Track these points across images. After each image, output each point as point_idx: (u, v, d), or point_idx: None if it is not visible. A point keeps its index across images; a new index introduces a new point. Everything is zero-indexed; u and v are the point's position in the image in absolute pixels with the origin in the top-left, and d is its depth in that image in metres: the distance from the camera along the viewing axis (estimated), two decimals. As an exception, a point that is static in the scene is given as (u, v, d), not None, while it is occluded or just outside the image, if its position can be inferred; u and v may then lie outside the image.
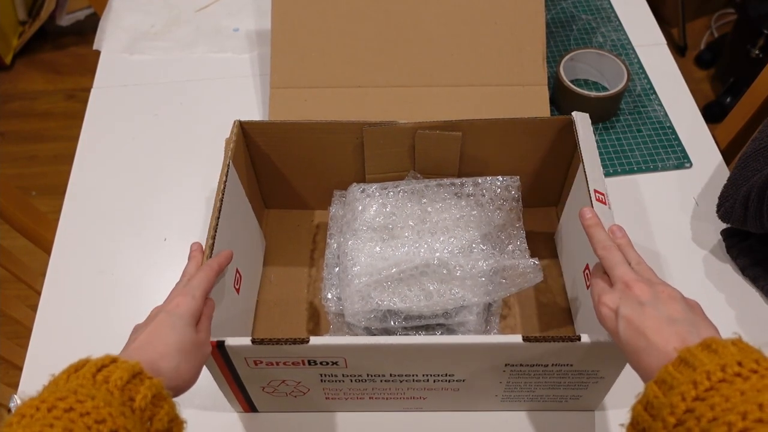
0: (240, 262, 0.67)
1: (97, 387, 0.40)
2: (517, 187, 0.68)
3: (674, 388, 0.39)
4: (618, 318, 0.47)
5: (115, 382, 0.41)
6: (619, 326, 0.46)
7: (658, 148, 0.87)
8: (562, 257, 0.75)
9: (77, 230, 0.82)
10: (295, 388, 0.59)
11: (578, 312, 0.68)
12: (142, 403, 0.41)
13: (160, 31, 1.05)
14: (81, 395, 0.39)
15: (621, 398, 0.65)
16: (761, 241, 0.73)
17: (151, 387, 0.42)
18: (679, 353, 0.41)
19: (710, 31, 2.03)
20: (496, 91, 0.82)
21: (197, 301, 0.51)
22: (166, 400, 0.43)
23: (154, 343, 0.47)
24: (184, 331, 0.49)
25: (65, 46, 2.13)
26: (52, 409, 0.38)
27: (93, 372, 0.41)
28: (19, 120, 1.95)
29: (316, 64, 0.83)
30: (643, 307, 0.46)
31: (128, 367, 0.42)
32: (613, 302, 0.48)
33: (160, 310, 0.51)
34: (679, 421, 0.37)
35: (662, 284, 0.48)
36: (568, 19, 1.04)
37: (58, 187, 0.90)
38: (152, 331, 0.48)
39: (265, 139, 0.71)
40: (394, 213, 0.68)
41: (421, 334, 0.64)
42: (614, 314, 0.47)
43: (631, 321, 0.45)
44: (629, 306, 0.46)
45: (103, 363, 0.42)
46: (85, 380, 0.41)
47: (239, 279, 0.66)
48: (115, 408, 0.39)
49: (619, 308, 0.47)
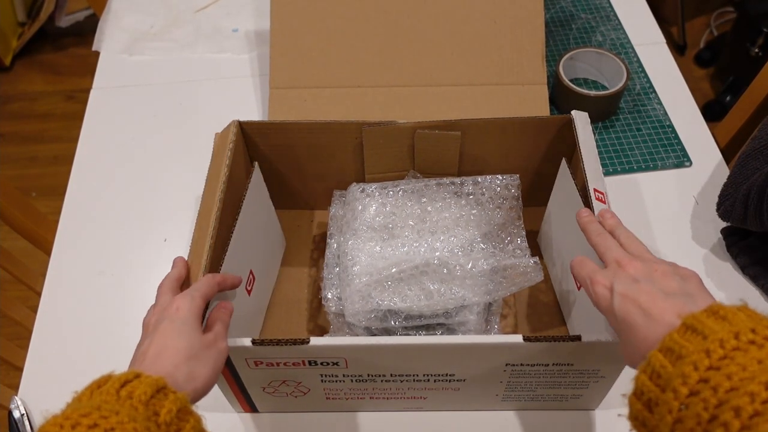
0: (255, 264, 0.67)
1: (121, 402, 0.40)
2: (516, 185, 0.68)
3: (684, 357, 0.37)
4: (613, 295, 0.46)
5: (139, 397, 0.40)
6: (614, 303, 0.45)
7: (657, 146, 0.87)
8: (547, 258, 0.75)
9: (77, 231, 0.82)
10: (295, 388, 0.59)
11: (570, 312, 0.68)
12: (167, 417, 0.40)
13: (159, 31, 1.05)
14: (105, 411, 0.38)
15: (622, 398, 0.65)
16: (761, 239, 0.73)
17: (175, 401, 0.42)
18: (684, 320, 0.39)
19: (710, 30, 2.03)
20: (495, 90, 0.82)
21: (197, 302, 0.51)
22: (192, 414, 0.43)
23: (164, 354, 0.46)
24: (191, 335, 0.48)
25: (65, 47, 2.13)
26: (76, 426, 0.37)
27: (117, 387, 0.41)
28: (19, 121, 1.95)
29: (315, 64, 0.83)
30: (637, 283, 0.45)
31: (152, 381, 0.41)
32: (607, 280, 0.47)
33: (159, 318, 0.50)
34: (693, 391, 0.36)
35: (656, 261, 0.48)
36: (567, 18, 1.04)
37: (58, 188, 0.90)
38: (159, 342, 0.47)
39: (265, 139, 0.71)
40: (394, 212, 0.68)
41: (422, 333, 0.64)
42: (609, 292, 0.47)
43: (626, 295, 0.45)
44: (623, 283, 0.46)
45: (126, 378, 0.42)
46: (108, 396, 0.40)
47: (252, 280, 0.66)
48: (140, 423, 0.38)
49: (613, 285, 0.46)
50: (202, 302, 0.51)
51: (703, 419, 0.35)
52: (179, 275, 0.56)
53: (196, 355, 0.47)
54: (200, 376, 0.47)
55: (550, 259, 0.74)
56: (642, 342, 0.42)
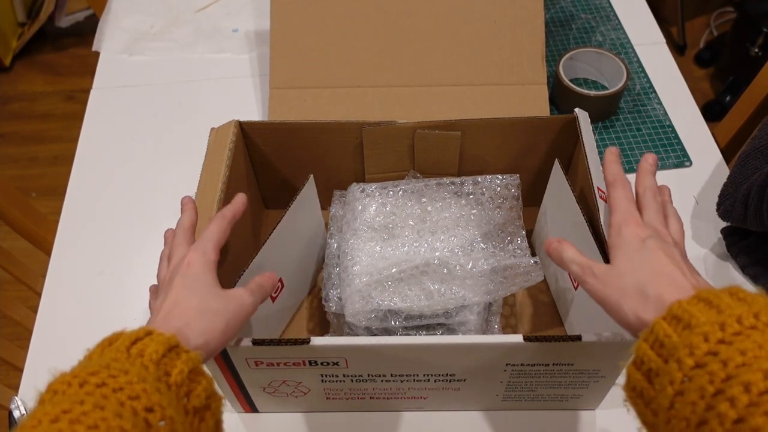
0: (286, 273, 0.66)
1: (132, 361, 0.38)
2: (516, 185, 0.68)
3: (693, 327, 0.36)
4: (645, 243, 0.45)
5: (150, 356, 0.39)
6: (646, 246, 0.45)
7: (657, 146, 0.87)
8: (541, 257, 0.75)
9: (77, 231, 0.82)
10: (295, 388, 0.59)
11: (567, 312, 0.68)
12: (178, 378, 0.39)
13: (159, 31, 1.05)
14: (114, 369, 0.37)
15: (622, 398, 0.65)
16: (761, 239, 0.73)
17: (188, 361, 0.40)
18: (698, 292, 0.38)
19: (709, 30, 2.03)
20: (495, 90, 0.82)
21: (209, 255, 0.49)
22: (204, 375, 0.41)
23: (174, 311, 0.45)
24: (204, 289, 0.47)
25: (64, 47, 2.13)
26: (84, 384, 0.36)
27: (127, 345, 0.39)
28: (19, 121, 1.95)
29: (315, 64, 0.83)
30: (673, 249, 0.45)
31: (164, 340, 0.40)
32: (644, 231, 0.47)
33: (173, 274, 0.48)
34: (699, 363, 0.34)
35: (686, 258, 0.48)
36: (567, 18, 1.04)
37: (58, 189, 0.90)
38: (172, 299, 0.46)
39: (265, 140, 0.71)
40: (394, 212, 0.68)
41: (422, 333, 0.64)
42: (640, 240, 0.46)
43: (661, 249, 0.44)
44: (661, 241, 0.46)
45: (137, 336, 0.40)
46: (119, 353, 0.39)
47: (280, 288, 0.66)
48: (150, 384, 0.37)
49: (649, 238, 0.46)
50: (215, 254, 0.50)
51: (708, 393, 0.33)
52: (191, 222, 0.54)
53: (210, 310, 0.46)
54: (214, 331, 0.45)
55: (544, 260, 0.74)
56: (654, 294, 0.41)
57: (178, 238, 0.52)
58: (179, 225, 0.54)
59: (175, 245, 0.52)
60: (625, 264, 0.45)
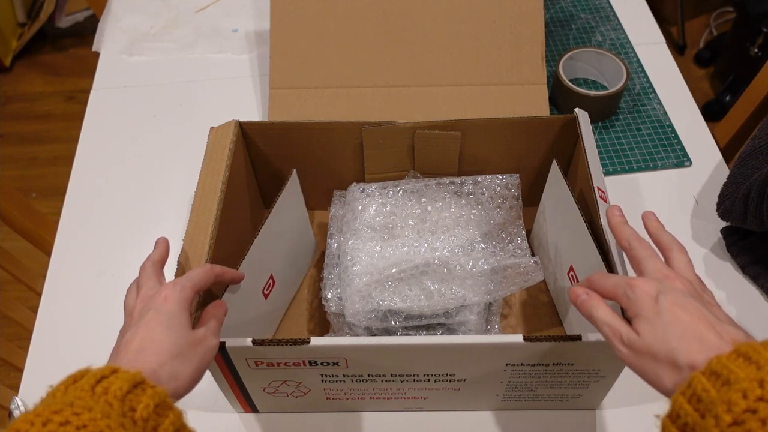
0: (277, 269, 0.67)
1: (96, 399, 0.38)
2: (516, 185, 0.68)
3: (732, 383, 0.35)
4: (658, 304, 0.43)
5: (114, 393, 0.38)
6: (662, 311, 0.42)
7: (657, 146, 0.87)
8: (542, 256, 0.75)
9: (77, 232, 0.82)
10: (296, 388, 0.59)
11: (567, 312, 0.68)
12: (144, 413, 0.39)
13: (159, 32, 1.05)
14: (78, 407, 0.37)
15: (622, 397, 0.65)
16: (761, 239, 0.73)
17: (154, 396, 0.40)
18: (737, 347, 0.37)
19: (709, 30, 2.03)
20: (495, 90, 0.82)
21: (186, 292, 0.48)
22: (171, 409, 0.41)
23: (148, 350, 0.44)
24: (179, 330, 0.46)
25: (64, 47, 2.13)
26: (47, 423, 0.35)
27: (92, 384, 0.39)
28: (19, 122, 1.95)
29: (315, 64, 0.83)
30: (687, 298, 0.43)
31: (129, 377, 0.40)
32: (652, 288, 0.44)
33: (145, 306, 0.48)
34: (737, 420, 0.34)
35: (703, 287, 0.46)
36: (567, 18, 1.04)
37: (58, 189, 0.90)
38: (144, 335, 0.45)
39: (265, 140, 0.71)
40: (394, 212, 0.68)
41: (422, 333, 0.64)
42: (653, 301, 0.43)
43: (678, 305, 0.42)
44: (674, 293, 0.43)
45: (102, 374, 0.40)
46: (83, 392, 0.38)
47: (271, 285, 0.66)
48: (114, 420, 0.37)
49: (660, 293, 0.43)
50: (192, 293, 0.49)
51: None
52: (161, 257, 0.54)
53: (182, 353, 0.45)
54: (184, 375, 0.45)
55: (542, 259, 0.74)
56: (686, 363, 0.40)
57: (147, 270, 0.52)
58: (149, 258, 0.54)
59: (144, 276, 0.52)
60: (650, 334, 0.43)
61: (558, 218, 0.67)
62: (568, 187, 0.62)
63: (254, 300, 0.63)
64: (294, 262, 0.73)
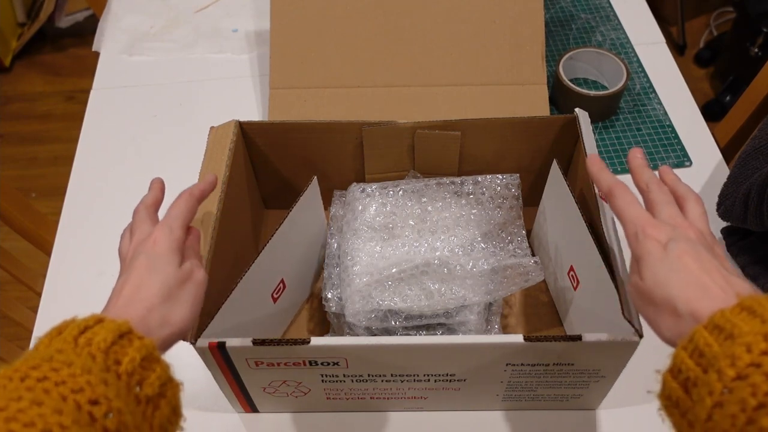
0: (288, 273, 0.67)
1: (78, 351, 0.36)
2: (517, 185, 0.68)
3: (735, 337, 0.34)
4: (667, 251, 0.42)
5: (98, 345, 0.37)
6: (669, 256, 0.41)
7: (657, 146, 0.87)
8: (542, 256, 0.75)
9: (77, 232, 0.82)
10: (296, 388, 0.59)
11: (567, 312, 0.68)
12: (129, 366, 0.37)
13: (159, 32, 1.05)
14: (57, 362, 0.35)
15: (622, 397, 0.65)
16: (761, 239, 0.73)
17: (140, 348, 0.38)
18: (741, 300, 0.37)
19: (709, 30, 2.03)
20: (495, 90, 0.82)
21: (176, 233, 0.47)
22: (159, 362, 0.39)
23: (138, 296, 0.43)
24: (167, 271, 0.45)
25: (64, 47, 2.13)
26: (24, 378, 0.34)
27: (75, 335, 0.37)
28: (19, 122, 1.95)
29: (315, 64, 0.83)
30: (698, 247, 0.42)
31: (114, 327, 0.38)
32: (663, 234, 0.43)
33: (136, 250, 0.47)
34: (741, 375, 0.33)
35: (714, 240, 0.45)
36: (567, 18, 1.04)
37: (58, 189, 0.90)
38: (134, 281, 0.44)
39: (265, 140, 0.71)
40: (394, 212, 0.68)
41: (422, 333, 0.64)
42: (661, 248, 0.42)
43: (687, 253, 0.41)
44: (684, 241, 0.42)
45: (86, 324, 0.38)
46: (65, 344, 0.37)
47: (281, 289, 0.66)
48: (95, 375, 0.35)
49: (669, 241, 0.42)
50: (182, 232, 0.48)
51: (749, 406, 0.32)
52: (155, 199, 0.53)
53: (173, 294, 0.44)
54: (176, 319, 0.44)
55: (542, 259, 0.74)
56: (687, 311, 0.39)
57: (140, 214, 0.51)
58: (142, 201, 0.53)
59: (137, 221, 0.50)
60: (651, 279, 0.42)
61: (558, 218, 0.67)
62: (569, 187, 0.62)
63: (262, 303, 0.63)
64: (307, 267, 0.73)
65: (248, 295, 0.59)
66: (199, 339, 0.52)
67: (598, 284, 0.57)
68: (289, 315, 0.72)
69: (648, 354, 0.48)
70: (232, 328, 0.57)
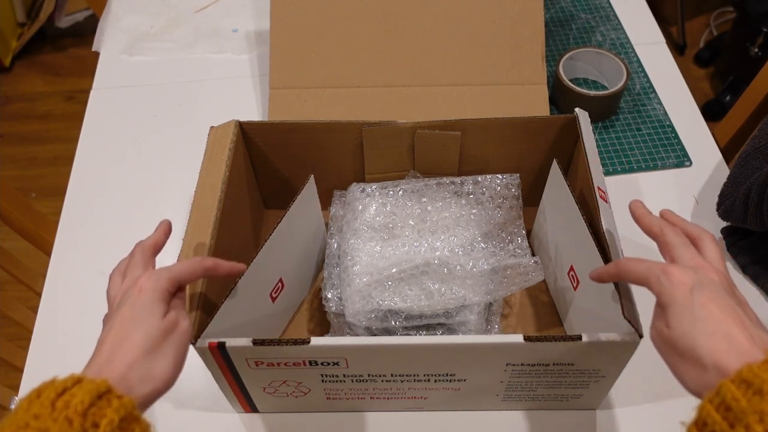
0: (287, 272, 0.67)
1: (56, 416, 0.36)
2: (517, 185, 0.68)
3: (765, 394, 0.34)
4: (693, 295, 0.41)
5: (75, 408, 0.36)
6: (695, 303, 0.41)
7: (657, 146, 0.87)
8: (542, 256, 0.75)
9: (77, 232, 0.82)
10: (296, 388, 0.59)
11: (567, 312, 0.68)
12: (107, 429, 0.36)
13: (159, 32, 1.05)
14: (32, 428, 0.35)
15: (622, 397, 0.65)
16: (761, 239, 0.73)
17: (119, 409, 0.37)
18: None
19: (709, 30, 2.03)
20: (495, 90, 0.82)
21: (161, 284, 0.46)
22: (138, 422, 0.39)
23: (120, 350, 0.42)
24: (149, 323, 0.44)
25: (64, 47, 2.13)
26: None
27: (52, 398, 0.37)
28: (19, 122, 1.95)
29: (315, 64, 0.83)
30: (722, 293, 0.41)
31: (92, 387, 0.38)
32: (687, 277, 0.42)
33: (123, 298, 0.46)
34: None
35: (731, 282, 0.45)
36: (567, 18, 1.04)
37: (58, 189, 0.90)
38: (117, 332, 0.43)
39: (265, 140, 0.71)
40: (394, 212, 0.68)
41: (422, 333, 0.64)
42: (688, 291, 0.42)
43: (714, 300, 0.40)
44: (710, 286, 0.41)
45: (65, 386, 0.38)
46: (43, 409, 0.36)
47: (280, 288, 0.66)
48: None
49: (696, 285, 0.42)
50: (169, 284, 0.47)
51: None
52: (155, 243, 0.52)
53: (155, 348, 0.43)
54: (159, 372, 0.43)
55: (542, 259, 0.74)
56: (712, 363, 0.38)
57: (136, 257, 0.50)
58: (142, 242, 0.52)
59: (131, 264, 0.50)
60: (678, 328, 0.41)
61: (558, 218, 0.67)
62: (569, 187, 0.62)
63: (261, 302, 0.63)
64: (305, 266, 0.73)
65: (247, 294, 0.59)
66: (199, 339, 0.52)
67: (598, 284, 0.57)
68: (288, 314, 0.72)
69: (648, 354, 0.48)
70: (232, 328, 0.57)
